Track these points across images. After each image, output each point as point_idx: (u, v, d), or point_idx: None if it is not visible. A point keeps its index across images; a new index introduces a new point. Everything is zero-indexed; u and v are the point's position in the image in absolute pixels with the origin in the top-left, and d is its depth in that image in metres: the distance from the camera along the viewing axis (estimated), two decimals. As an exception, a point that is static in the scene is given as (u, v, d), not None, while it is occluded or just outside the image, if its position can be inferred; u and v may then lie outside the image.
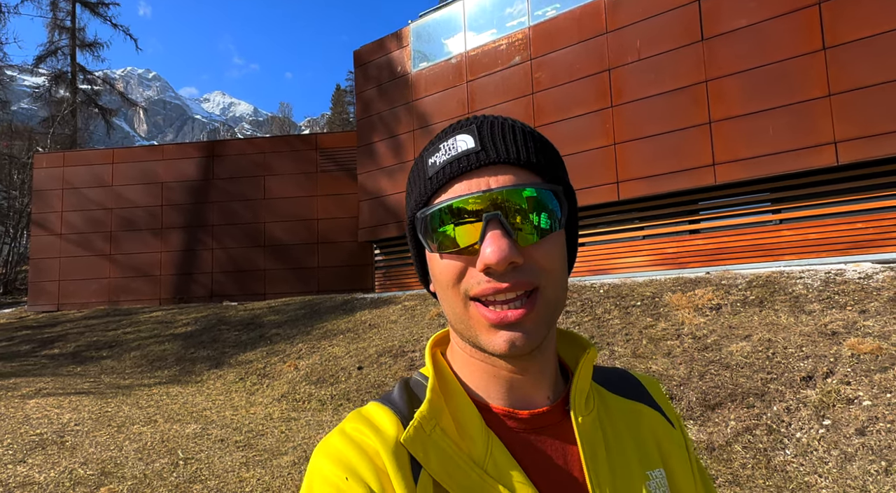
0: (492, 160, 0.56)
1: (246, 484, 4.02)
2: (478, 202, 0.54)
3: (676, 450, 0.67)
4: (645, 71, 7.97)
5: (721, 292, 6.32)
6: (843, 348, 4.59)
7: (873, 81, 6.22)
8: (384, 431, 0.57)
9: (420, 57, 10.79)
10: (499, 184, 0.55)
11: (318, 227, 13.26)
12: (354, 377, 6.76)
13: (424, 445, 0.56)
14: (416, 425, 0.56)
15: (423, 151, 0.62)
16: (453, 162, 0.57)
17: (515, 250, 0.54)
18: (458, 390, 0.61)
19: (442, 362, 0.65)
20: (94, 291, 13.89)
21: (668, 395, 4.61)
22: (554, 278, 0.57)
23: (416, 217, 0.60)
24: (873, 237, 6.35)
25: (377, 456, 0.56)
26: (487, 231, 0.54)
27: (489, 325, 0.55)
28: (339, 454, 0.56)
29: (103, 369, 8.96)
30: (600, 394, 0.68)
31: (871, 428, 3.75)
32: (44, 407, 6.25)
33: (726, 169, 7.22)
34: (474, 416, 0.59)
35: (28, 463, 4.54)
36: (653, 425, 0.68)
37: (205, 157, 14.03)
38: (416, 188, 0.61)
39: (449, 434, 0.57)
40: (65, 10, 28.45)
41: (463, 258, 0.56)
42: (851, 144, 6.33)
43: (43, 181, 14.55)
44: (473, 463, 0.56)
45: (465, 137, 0.58)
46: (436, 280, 0.61)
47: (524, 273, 0.55)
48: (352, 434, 0.58)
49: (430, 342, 0.67)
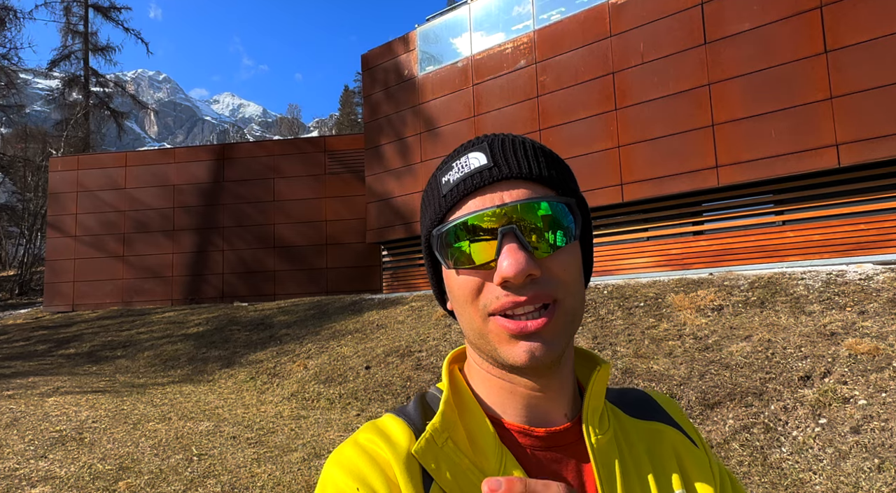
0: (504, 175, 0.57)
1: (257, 479, 4.17)
2: (493, 219, 0.55)
3: (699, 471, 0.65)
4: (648, 74, 8.05)
5: (723, 293, 6.40)
6: (842, 349, 4.67)
7: (873, 84, 6.28)
8: (397, 442, 0.58)
9: (427, 60, 10.93)
10: (513, 198, 0.56)
11: (326, 228, 13.44)
12: (362, 377, 6.91)
13: (436, 457, 0.56)
14: (428, 437, 0.56)
15: (436, 170, 0.63)
16: (467, 179, 0.57)
17: (532, 262, 0.54)
18: (473, 404, 0.61)
19: (458, 376, 0.65)
20: (107, 292, 14.17)
21: (668, 394, 4.72)
22: (572, 289, 0.57)
23: (432, 235, 0.60)
24: (875, 238, 6.40)
25: (389, 467, 0.56)
26: (504, 245, 0.54)
27: (509, 336, 0.55)
28: (352, 465, 0.56)
29: (118, 368, 9.17)
30: (617, 416, 0.67)
31: (865, 427, 3.84)
32: (62, 405, 6.44)
33: (729, 171, 7.29)
34: (488, 431, 0.59)
35: (49, 458, 4.72)
36: (675, 445, 0.66)
37: (215, 160, 14.26)
38: (430, 207, 0.61)
39: (461, 448, 0.57)
40: (78, 14, 28.91)
41: (480, 273, 0.56)
42: (852, 147, 6.40)
43: (58, 184, 14.84)
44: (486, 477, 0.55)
45: (477, 154, 0.58)
46: (453, 297, 0.61)
47: (542, 285, 0.55)
48: (364, 445, 0.58)
49: (448, 358, 0.66)
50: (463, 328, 0.60)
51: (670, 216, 8.06)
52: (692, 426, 0.70)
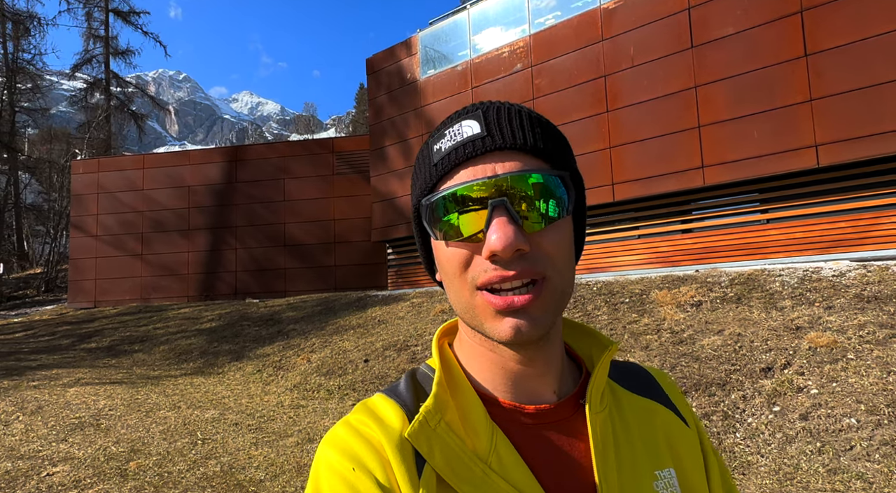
0: (498, 146, 0.55)
1: (254, 460, 4.57)
2: (483, 189, 0.54)
3: (689, 450, 0.66)
4: (638, 77, 8.29)
5: (704, 289, 6.64)
6: (803, 342, 4.92)
7: (850, 87, 6.46)
8: (389, 424, 0.57)
9: (428, 64, 11.27)
10: (505, 170, 0.54)
11: (334, 227, 13.88)
12: (360, 369, 7.30)
13: (429, 439, 0.55)
14: (421, 419, 0.56)
15: (428, 137, 0.61)
16: (459, 148, 0.56)
17: (522, 236, 0.53)
18: (464, 383, 0.61)
19: (449, 353, 0.64)
20: (127, 288, 14.80)
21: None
22: (560, 266, 0.56)
23: (422, 204, 0.60)
24: (852, 236, 6.59)
25: (382, 449, 0.55)
26: (493, 218, 0.53)
27: (495, 311, 0.55)
28: (346, 446, 0.56)
29: (135, 361, 9.70)
30: (613, 390, 0.67)
31: (813, 414, 4.10)
32: (82, 395, 6.94)
33: (714, 171, 7.51)
34: (479, 410, 0.58)
35: (69, 442, 5.19)
36: (666, 424, 0.67)
37: (228, 161, 14.78)
38: (421, 175, 0.60)
39: (454, 429, 0.57)
40: (99, 19, 29.80)
41: (469, 246, 0.56)
42: (831, 147, 6.59)
43: (80, 186, 15.51)
44: (477, 458, 0.56)
45: (470, 122, 0.57)
46: (441, 269, 0.60)
47: (531, 261, 0.54)
48: (357, 426, 0.58)
49: (437, 333, 0.66)
50: (451, 301, 0.60)
51: (660, 215, 8.30)
52: (686, 406, 0.71)
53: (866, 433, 3.77)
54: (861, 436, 3.76)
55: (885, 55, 6.29)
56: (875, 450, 3.62)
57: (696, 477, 0.64)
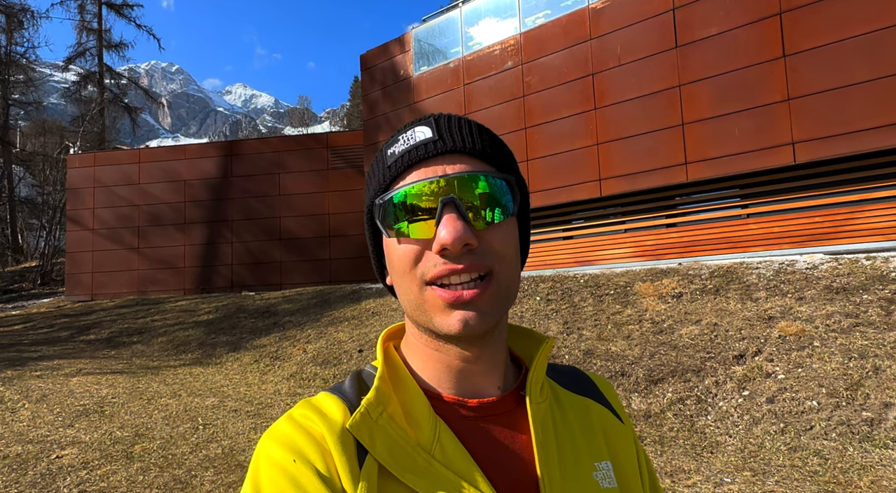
0: (448, 149, 0.58)
1: (253, 444, 4.82)
2: (434, 187, 0.57)
3: (623, 444, 0.69)
4: (625, 76, 8.52)
5: (685, 281, 6.92)
6: (774, 331, 5.21)
7: (825, 87, 6.72)
8: (331, 417, 0.58)
9: (421, 61, 11.46)
10: (454, 170, 0.57)
11: (329, 221, 14.08)
12: (355, 359, 7.55)
13: (371, 430, 0.56)
14: (363, 411, 0.57)
15: (384, 144, 0.64)
16: (411, 150, 0.59)
17: (470, 231, 0.55)
18: (408, 378, 0.63)
19: (393, 353, 0.66)
20: (124, 282, 14.97)
21: (620, 372, 5.31)
22: (507, 263, 0.59)
23: (375, 204, 0.62)
24: (827, 230, 6.88)
25: (323, 440, 0.56)
26: (444, 214, 0.55)
27: (444, 305, 0.57)
28: (286, 438, 0.57)
29: (134, 352, 9.91)
30: (552, 387, 0.70)
31: (778, 397, 4.39)
32: (85, 384, 7.16)
33: (696, 168, 7.77)
34: (422, 403, 0.60)
35: (75, 427, 5.42)
36: (602, 419, 0.70)
37: (224, 156, 14.93)
38: (375, 177, 0.63)
39: (396, 420, 0.58)
40: (92, 12, 29.71)
41: (419, 243, 0.58)
42: (807, 145, 6.86)
43: (76, 180, 15.63)
44: (420, 448, 0.57)
45: (423, 128, 0.60)
46: (392, 267, 0.62)
47: (479, 256, 0.56)
48: (299, 420, 0.59)
49: (382, 335, 0.68)
50: (401, 301, 0.62)
51: (645, 210, 8.56)
52: (619, 404, 0.75)
53: (825, 414, 4.05)
54: (820, 417, 4.04)
55: (857, 57, 6.55)
56: (832, 430, 3.91)
57: (630, 470, 0.68)
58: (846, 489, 3.30)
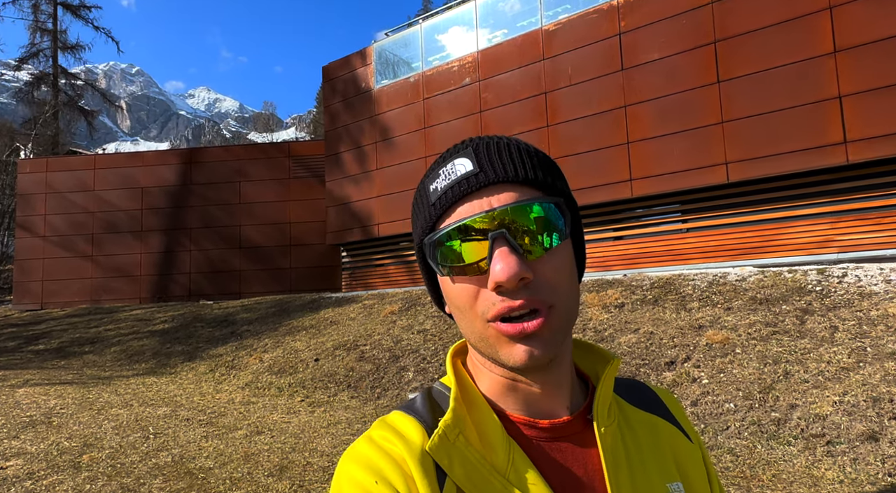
0: (491, 181, 0.57)
1: (203, 451, 4.90)
2: (482, 222, 0.55)
3: (694, 465, 0.68)
4: (575, 95, 8.94)
5: (628, 292, 7.30)
6: (702, 339, 5.59)
7: (755, 112, 7.24)
8: (410, 439, 0.59)
9: (382, 75, 11.69)
10: (500, 202, 0.56)
11: (290, 230, 14.11)
12: (311, 368, 7.65)
13: (449, 453, 0.57)
14: (441, 433, 0.57)
15: (423, 178, 0.63)
16: (454, 186, 0.58)
17: (524, 265, 0.54)
18: (480, 399, 0.62)
19: (463, 371, 0.66)
20: (76, 290, 14.62)
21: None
22: (565, 289, 0.58)
23: (424, 243, 0.61)
24: (757, 244, 7.38)
25: (404, 463, 0.57)
26: (495, 249, 0.54)
27: (508, 339, 0.56)
28: (368, 460, 0.57)
29: (85, 362, 9.74)
30: (620, 406, 0.68)
31: (701, 400, 4.74)
32: (32, 395, 7.06)
33: (640, 184, 8.21)
34: (496, 425, 0.60)
35: (21, 438, 5.38)
36: (671, 439, 0.69)
37: (183, 163, 14.80)
38: (420, 215, 0.62)
39: (472, 443, 0.58)
40: (46, 13, 28.92)
41: (474, 280, 0.57)
42: (738, 165, 7.36)
43: (27, 185, 15.21)
44: (496, 471, 0.57)
45: (462, 160, 0.59)
46: (451, 303, 0.62)
47: (536, 290, 0.55)
48: (379, 442, 0.59)
49: (450, 351, 0.67)
50: (463, 331, 0.61)
51: (595, 223, 8.96)
52: (689, 422, 0.73)
53: (740, 415, 4.42)
54: (735, 418, 4.40)
55: (782, 85, 7.09)
56: (745, 429, 4.27)
57: (703, 491, 0.66)
58: (750, 482, 3.64)
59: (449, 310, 0.65)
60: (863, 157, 6.53)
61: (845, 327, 5.11)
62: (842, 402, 4.18)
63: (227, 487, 4.10)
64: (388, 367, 7.11)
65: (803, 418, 4.17)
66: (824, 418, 4.11)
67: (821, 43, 6.86)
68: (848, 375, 4.45)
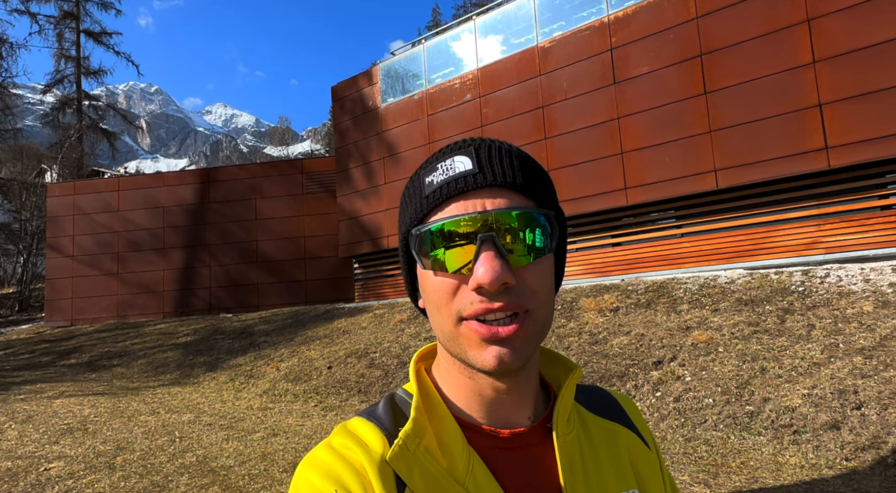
0: (488, 183, 0.57)
1: (224, 452, 5.36)
2: (471, 224, 0.55)
3: (651, 471, 0.69)
4: (571, 108, 9.33)
5: (623, 296, 7.63)
6: (689, 339, 5.91)
7: (740, 121, 7.56)
8: (370, 447, 0.59)
9: (388, 93, 12.21)
10: (494, 206, 0.56)
11: (304, 244, 14.65)
12: (324, 375, 8.10)
13: (409, 463, 0.57)
14: (401, 443, 0.57)
15: (419, 168, 0.63)
16: (451, 182, 0.57)
17: (508, 270, 0.54)
18: (441, 407, 0.63)
19: (426, 379, 0.66)
20: (104, 307, 15.32)
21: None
22: (543, 300, 0.58)
23: (411, 233, 0.61)
24: (748, 247, 7.67)
25: (363, 471, 0.57)
26: (481, 252, 0.55)
27: (480, 340, 0.56)
28: (327, 467, 0.57)
29: (115, 375, 10.32)
30: (580, 413, 0.69)
31: (683, 396, 5.07)
32: (68, 405, 7.61)
33: (635, 192, 8.55)
34: (457, 434, 0.60)
35: (61, 444, 5.89)
36: (629, 446, 0.70)
37: (201, 183, 15.46)
38: (411, 205, 0.62)
39: (432, 452, 0.58)
40: (70, 40, 30.17)
41: (455, 277, 0.57)
42: (727, 172, 7.67)
43: (56, 208, 16.01)
44: (454, 481, 0.57)
45: (463, 158, 0.59)
46: (426, 298, 0.62)
47: (515, 295, 0.56)
48: (339, 449, 0.59)
49: (414, 357, 0.67)
50: (434, 329, 0.61)
51: (593, 230, 9.31)
52: (647, 429, 0.75)
53: (717, 409, 4.74)
54: (713, 412, 4.73)
55: (765, 95, 7.41)
56: (721, 422, 4.59)
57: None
58: (719, 469, 3.96)
59: (422, 304, 0.65)
60: (843, 162, 6.81)
61: (822, 324, 5.40)
62: (810, 395, 4.48)
63: (246, 482, 4.53)
64: (396, 372, 7.52)
65: (774, 410, 4.49)
66: (793, 410, 4.41)
67: (800, 54, 7.17)
68: (819, 369, 4.75)
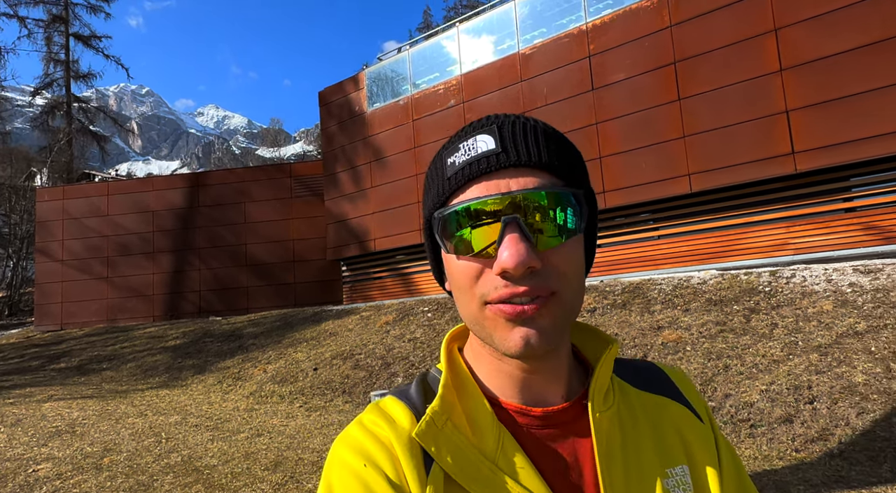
0: (512, 162, 0.54)
1: (209, 452, 5.52)
2: (496, 204, 0.53)
3: (703, 445, 0.65)
4: (551, 114, 9.54)
5: (601, 297, 7.84)
6: (659, 339, 6.13)
7: (713, 126, 7.80)
8: (399, 423, 0.59)
9: (373, 99, 12.39)
10: (519, 186, 0.54)
11: (293, 247, 14.80)
12: (310, 377, 8.26)
13: (436, 439, 0.57)
14: (428, 419, 0.57)
15: (441, 149, 0.61)
16: (473, 163, 0.55)
17: (533, 253, 0.52)
18: (472, 385, 0.62)
19: (457, 357, 0.65)
20: (93, 311, 15.40)
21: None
22: (571, 282, 0.56)
23: (434, 217, 0.59)
24: (721, 248, 7.91)
25: (392, 447, 0.57)
26: (505, 234, 0.53)
27: (505, 320, 0.54)
28: (358, 444, 0.58)
29: (104, 378, 10.44)
30: (622, 389, 0.66)
31: (650, 395, 5.28)
32: (56, 408, 7.73)
33: (613, 195, 8.78)
34: (486, 411, 0.59)
35: (49, 446, 6.03)
36: (679, 420, 0.66)
37: (191, 187, 15.58)
38: (433, 188, 0.60)
39: (460, 429, 0.58)
40: (59, 44, 30.11)
41: (480, 260, 0.55)
42: (699, 176, 7.91)
43: (45, 213, 16.07)
44: (484, 457, 0.57)
45: (485, 137, 0.56)
46: (452, 281, 0.60)
47: (542, 278, 0.54)
48: (369, 426, 0.60)
49: (447, 336, 0.67)
50: (460, 311, 0.60)
51: (574, 233, 9.52)
52: (700, 401, 0.71)
53: (681, 406, 4.95)
54: (677, 408, 4.94)
55: (735, 101, 7.65)
56: (684, 418, 4.80)
57: (710, 473, 0.63)
58: (678, 463, 4.18)
59: (449, 287, 0.64)
60: (809, 166, 7.07)
61: (784, 323, 5.64)
62: (768, 390, 4.71)
63: (229, 480, 4.70)
64: (379, 373, 7.70)
65: (734, 405, 4.71)
66: (751, 404, 4.64)
67: (768, 62, 7.42)
68: (777, 366, 4.97)
